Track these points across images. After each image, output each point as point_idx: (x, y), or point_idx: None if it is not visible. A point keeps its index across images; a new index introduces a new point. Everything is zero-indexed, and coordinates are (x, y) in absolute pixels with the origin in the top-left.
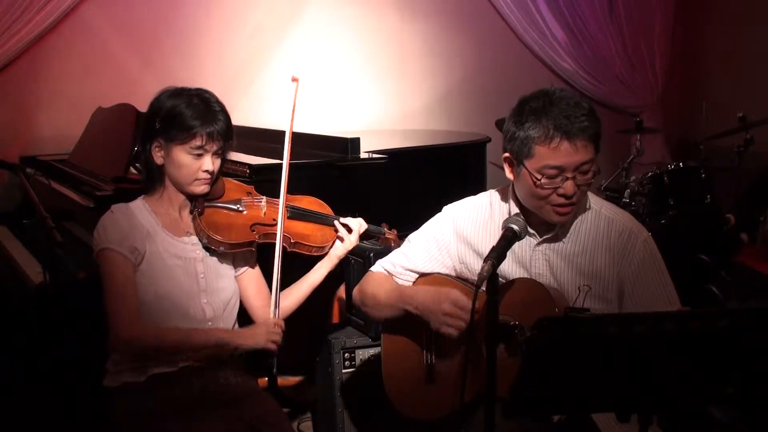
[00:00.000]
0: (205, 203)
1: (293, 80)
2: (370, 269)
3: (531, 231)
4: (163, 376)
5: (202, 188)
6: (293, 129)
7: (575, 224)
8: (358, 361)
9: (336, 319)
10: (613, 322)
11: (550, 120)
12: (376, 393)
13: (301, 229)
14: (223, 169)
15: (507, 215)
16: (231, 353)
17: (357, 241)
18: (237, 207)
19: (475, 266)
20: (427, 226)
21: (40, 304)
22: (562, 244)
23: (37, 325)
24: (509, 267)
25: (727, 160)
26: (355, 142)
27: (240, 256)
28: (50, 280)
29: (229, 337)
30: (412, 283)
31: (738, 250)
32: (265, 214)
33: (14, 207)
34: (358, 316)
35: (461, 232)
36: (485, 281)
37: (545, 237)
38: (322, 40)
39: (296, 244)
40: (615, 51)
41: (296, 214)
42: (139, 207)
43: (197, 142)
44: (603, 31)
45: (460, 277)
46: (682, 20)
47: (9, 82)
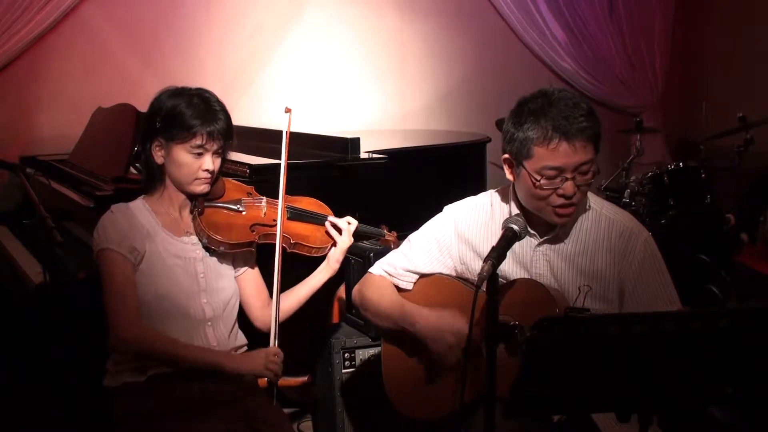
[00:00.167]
0: (205, 203)
1: (286, 111)
2: (369, 270)
3: (531, 231)
4: (163, 376)
5: (202, 188)
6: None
7: (576, 225)
8: (358, 361)
9: (336, 319)
10: (613, 322)
11: (549, 121)
12: (376, 393)
13: (301, 230)
14: (223, 169)
15: (508, 216)
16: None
17: (350, 240)
18: (237, 207)
19: (476, 266)
20: (427, 226)
21: (40, 304)
22: (562, 244)
23: (37, 325)
24: (510, 267)
25: (727, 160)
26: (355, 142)
27: (240, 256)
28: (50, 280)
29: (226, 362)
30: (412, 284)
31: (738, 250)
32: (265, 214)
33: (14, 207)
34: (358, 316)
35: (462, 232)
36: (485, 281)
37: (546, 238)
38: (322, 40)
39: (296, 245)
40: (615, 51)
41: (296, 214)
42: (139, 207)
43: (197, 141)
44: (603, 31)
45: (460, 278)
46: (682, 20)
47: (9, 82)
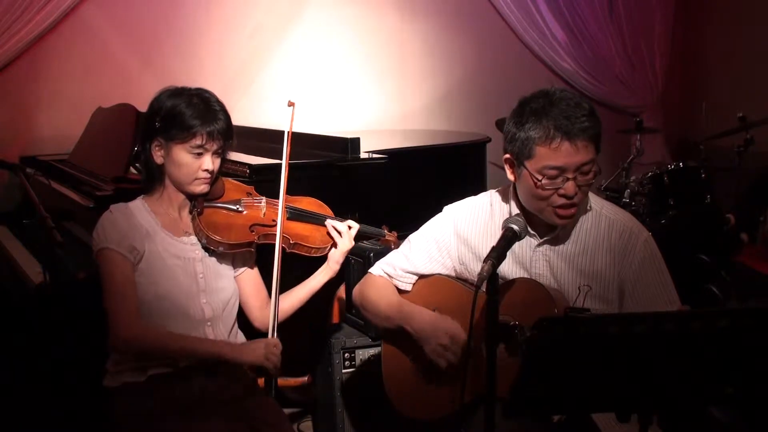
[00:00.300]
0: (205, 203)
1: (289, 104)
2: (369, 271)
3: (531, 232)
4: (163, 376)
5: (201, 188)
6: (294, 129)
7: (576, 225)
8: (358, 361)
9: (336, 319)
10: (613, 322)
11: (551, 120)
12: (376, 393)
13: (301, 230)
14: (223, 169)
15: (507, 216)
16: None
17: (350, 243)
18: (236, 207)
19: (475, 267)
20: (427, 226)
21: (40, 304)
22: (562, 245)
23: (37, 325)
24: (509, 267)
25: (727, 160)
26: (355, 142)
27: (239, 256)
28: (50, 280)
29: (229, 352)
30: (411, 285)
31: (738, 250)
32: (264, 214)
33: (14, 207)
34: (358, 316)
35: (461, 232)
36: (485, 281)
37: (546, 238)
38: (322, 40)
39: (295, 245)
40: (615, 51)
41: (295, 214)
42: (138, 207)
43: (197, 141)
44: (603, 31)
45: (460, 278)
46: (682, 20)
47: (9, 82)
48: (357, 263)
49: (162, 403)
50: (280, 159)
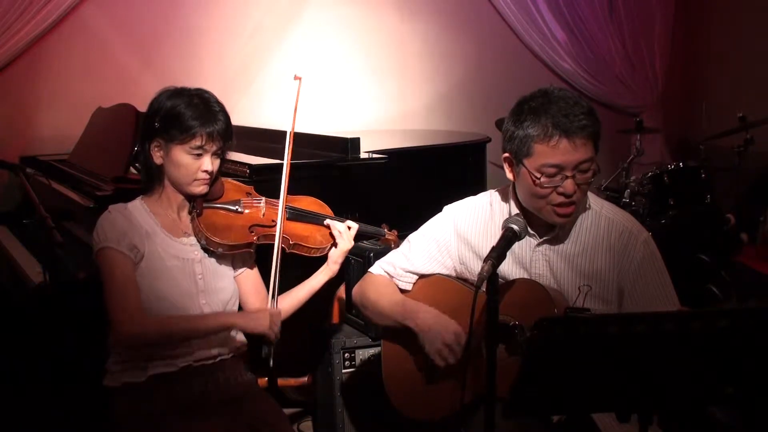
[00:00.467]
0: (204, 204)
1: (296, 78)
2: (369, 270)
3: (531, 232)
4: (163, 376)
5: (201, 188)
6: (295, 129)
7: (576, 225)
8: (358, 361)
9: (336, 319)
10: (613, 322)
11: (549, 118)
12: (376, 393)
13: (300, 230)
14: (223, 169)
15: (507, 216)
16: (233, 353)
17: (350, 243)
18: (236, 208)
19: (475, 267)
20: (427, 226)
21: (40, 304)
22: (562, 244)
23: (37, 325)
24: (509, 267)
25: (727, 160)
26: (355, 142)
27: (239, 256)
28: (50, 280)
29: (233, 319)
30: (411, 285)
31: (738, 250)
32: (264, 215)
33: (14, 207)
34: (358, 316)
35: (461, 232)
36: (485, 281)
37: (545, 238)
38: (322, 40)
39: (295, 246)
40: (615, 51)
41: (295, 214)
42: (137, 207)
43: (197, 142)
44: (603, 31)
45: (460, 278)
46: (682, 20)
47: (9, 82)
48: (357, 263)
49: (162, 403)
50: (280, 159)
